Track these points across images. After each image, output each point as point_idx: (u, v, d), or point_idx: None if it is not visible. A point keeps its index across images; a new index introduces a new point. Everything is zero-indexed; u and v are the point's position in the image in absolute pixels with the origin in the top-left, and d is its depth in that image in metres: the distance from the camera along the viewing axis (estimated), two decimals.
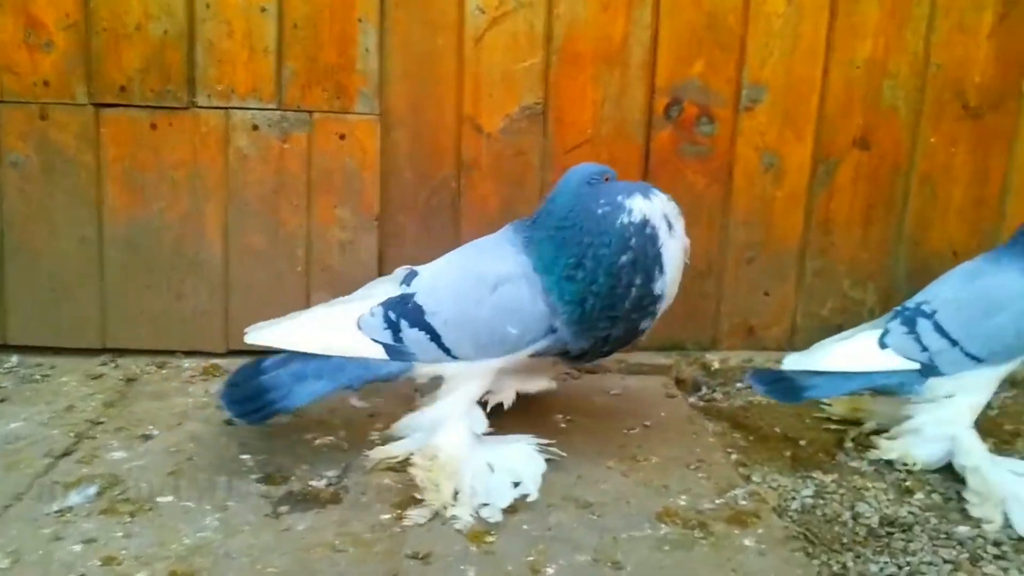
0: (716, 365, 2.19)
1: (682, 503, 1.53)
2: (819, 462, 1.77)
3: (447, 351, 1.51)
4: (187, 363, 2.06)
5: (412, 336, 1.50)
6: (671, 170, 2.09)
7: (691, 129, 2.07)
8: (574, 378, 2.07)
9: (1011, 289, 1.61)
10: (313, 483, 1.54)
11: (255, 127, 1.97)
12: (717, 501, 1.54)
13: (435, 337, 1.50)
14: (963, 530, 1.53)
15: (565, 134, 2.05)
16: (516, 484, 1.49)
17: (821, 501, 1.62)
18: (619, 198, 1.49)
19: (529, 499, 1.48)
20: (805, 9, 2.00)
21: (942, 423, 1.65)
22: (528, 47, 2.00)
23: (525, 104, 2.03)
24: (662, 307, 1.54)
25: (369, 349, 1.51)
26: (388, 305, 1.54)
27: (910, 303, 1.72)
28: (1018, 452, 1.80)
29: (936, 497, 1.64)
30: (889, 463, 1.72)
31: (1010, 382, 2.15)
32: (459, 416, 1.54)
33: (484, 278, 1.51)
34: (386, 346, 1.51)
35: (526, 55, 2.00)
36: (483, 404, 1.62)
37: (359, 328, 1.52)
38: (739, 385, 2.15)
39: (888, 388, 1.69)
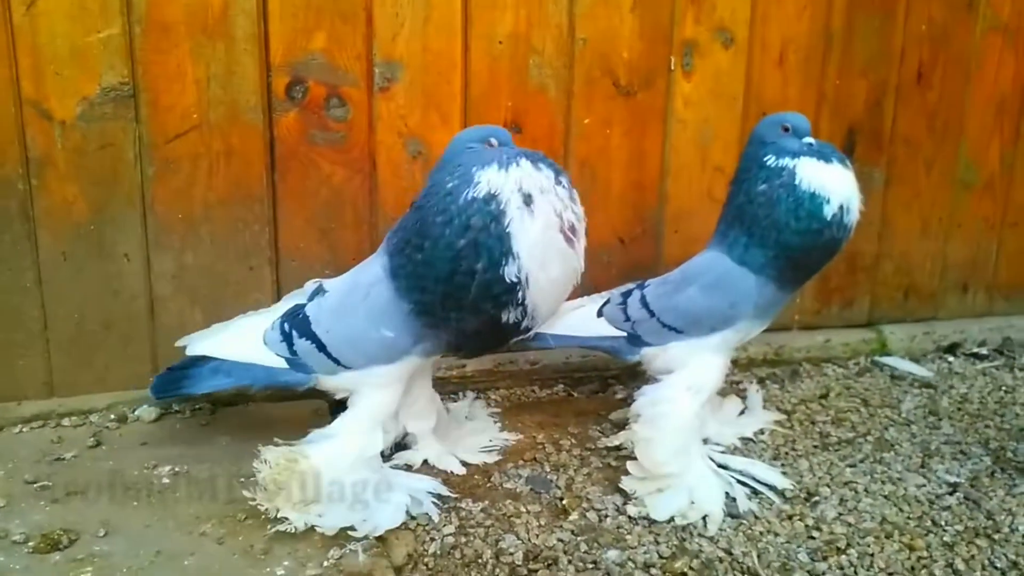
0: None
1: (281, 573, 1.23)
2: (472, 487, 1.55)
3: (336, 361, 1.45)
4: None
5: (303, 347, 1.46)
6: (303, 160, 1.79)
7: (320, 113, 1.78)
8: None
9: (704, 264, 1.64)
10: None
11: None
12: (327, 563, 1.26)
13: (321, 347, 1.45)
14: (612, 555, 1.37)
15: (164, 120, 1.69)
16: (363, 520, 1.38)
17: (464, 539, 1.40)
18: (472, 169, 1.30)
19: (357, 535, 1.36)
20: None
21: (655, 403, 1.59)
22: (101, 15, 1.61)
23: (107, 85, 1.64)
24: (534, 297, 1.32)
25: (273, 361, 1.49)
26: (284, 317, 1.51)
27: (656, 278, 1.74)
28: None
29: (591, 516, 1.47)
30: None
31: None
32: (351, 432, 1.44)
33: (359, 285, 1.45)
34: (286, 359, 1.48)
35: (99, 24, 1.61)
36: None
37: (264, 342, 1.50)
38: None
39: (608, 351, 1.75)
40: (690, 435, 1.58)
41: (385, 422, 1.50)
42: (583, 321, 1.71)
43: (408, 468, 1.58)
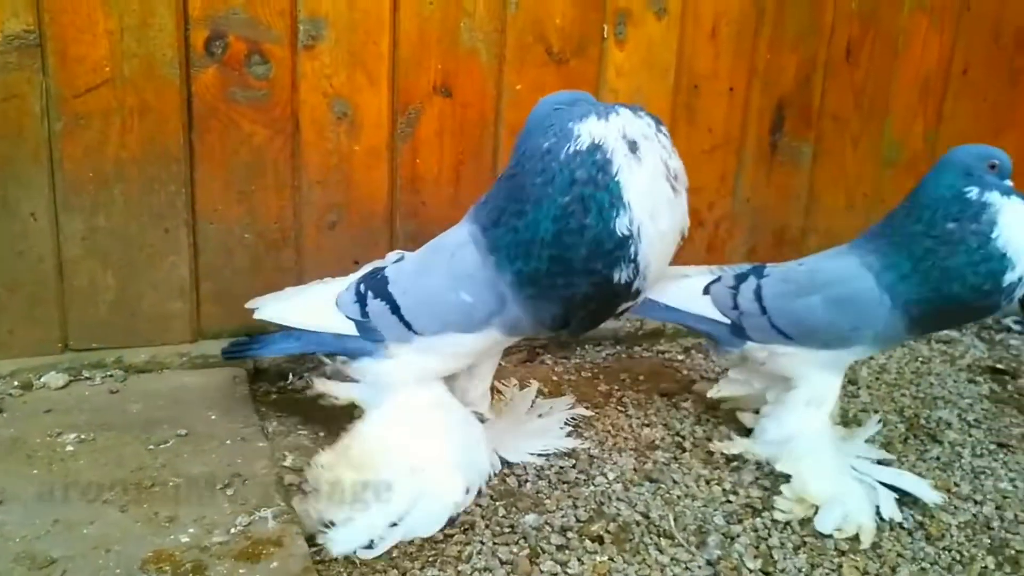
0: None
1: (185, 540, 1.19)
2: None
3: (408, 325, 1.37)
4: None
5: (375, 308, 1.40)
6: (223, 119, 1.73)
7: (241, 70, 1.72)
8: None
9: (837, 272, 1.48)
10: None
11: None
12: (234, 530, 1.23)
13: (395, 308, 1.37)
14: (530, 519, 1.36)
15: (73, 73, 1.61)
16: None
17: None
18: (569, 124, 1.22)
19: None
20: None
21: (781, 424, 1.54)
22: None
23: (10, 32, 1.56)
24: (646, 252, 1.22)
25: (342, 325, 1.43)
26: (361, 279, 1.46)
27: (775, 264, 1.60)
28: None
29: (511, 481, 1.48)
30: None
31: (614, 339, 2.09)
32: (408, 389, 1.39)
33: (442, 247, 1.39)
34: (356, 323, 1.41)
35: None
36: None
37: (336, 305, 1.45)
38: (328, 368, 1.86)
39: (706, 333, 1.63)
40: (827, 453, 1.51)
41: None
42: (686, 295, 1.58)
43: None
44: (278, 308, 1.55)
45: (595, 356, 2.05)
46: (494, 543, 1.30)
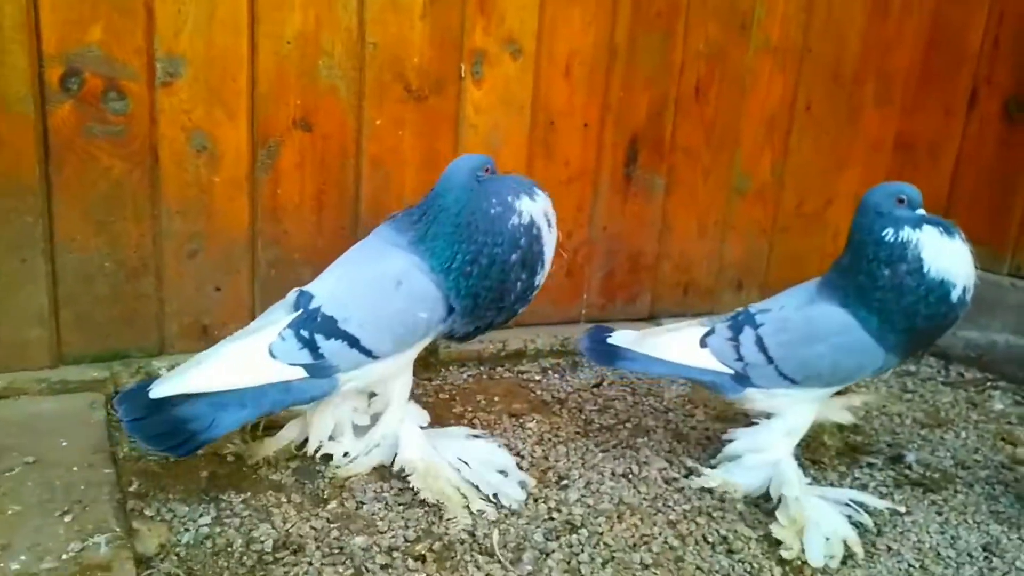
0: (164, 372, 1.92)
1: (15, 567, 1.25)
2: (240, 479, 1.61)
3: (368, 353, 1.55)
4: None
5: (332, 347, 1.53)
6: (80, 153, 1.78)
7: (98, 105, 1.77)
8: None
9: (836, 323, 1.60)
10: None
11: None
12: (66, 556, 1.29)
13: (354, 342, 1.54)
14: (359, 540, 1.46)
15: None
16: (502, 472, 1.66)
17: (219, 528, 1.45)
18: (509, 199, 1.58)
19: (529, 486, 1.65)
20: None
21: (760, 450, 1.66)
22: None
23: None
24: (540, 285, 1.66)
25: (289, 373, 1.51)
26: (296, 325, 1.53)
27: (752, 308, 1.70)
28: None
29: (350, 504, 1.56)
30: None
31: (478, 359, 2.19)
32: (408, 423, 1.67)
33: (386, 275, 1.58)
34: (306, 366, 1.51)
35: None
36: None
37: (272, 356, 1.50)
38: None
39: (704, 384, 1.72)
40: (799, 481, 1.64)
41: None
42: (685, 350, 1.69)
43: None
44: (198, 380, 1.47)
45: (457, 377, 2.15)
46: (321, 564, 1.39)
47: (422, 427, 1.70)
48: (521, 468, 1.72)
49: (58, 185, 1.78)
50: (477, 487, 1.62)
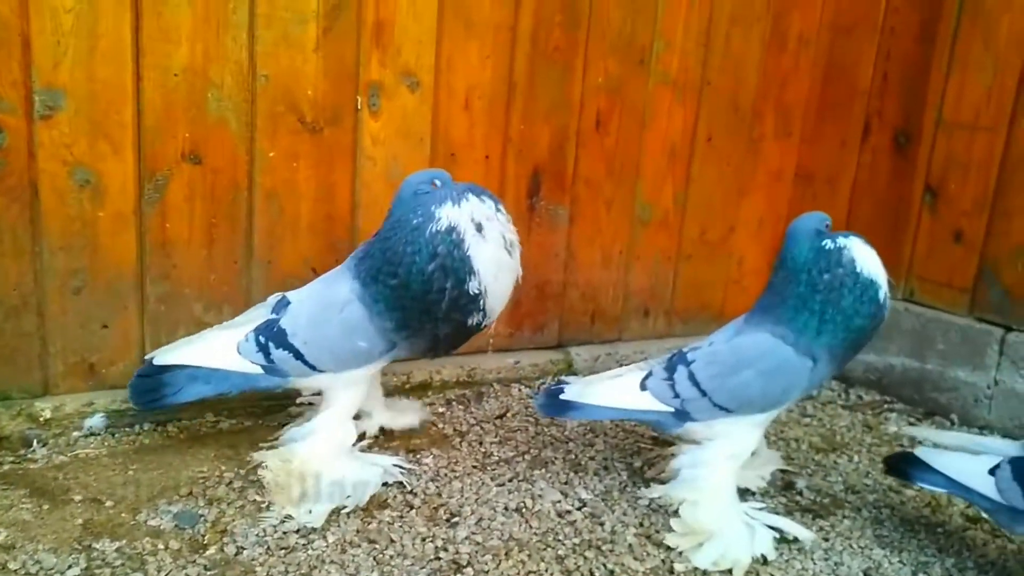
0: (48, 414, 1.87)
1: None
2: (115, 526, 1.57)
3: (311, 366, 1.69)
4: None
5: (280, 356, 1.69)
6: None
7: None
8: None
9: (759, 348, 1.67)
10: None
11: None
12: None
13: (298, 355, 1.68)
14: None
15: None
16: (347, 497, 1.67)
17: None
18: (432, 207, 1.60)
19: (346, 509, 1.66)
20: (101, 6, 1.75)
21: (696, 465, 1.72)
22: None
23: None
24: (491, 302, 1.66)
25: (249, 367, 1.71)
26: (258, 331, 1.71)
27: (685, 348, 1.77)
28: None
29: (230, 549, 1.53)
30: None
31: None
32: (331, 426, 1.73)
33: (332, 302, 1.69)
34: (262, 366, 1.70)
35: None
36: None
37: (239, 353, 1.70)
38: (77, 434, 1.86)
39: (649, 423, 1.86)
40: (729, 496, 1.71)
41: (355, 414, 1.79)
42: (627, 394, 1.76)
43: (362, 437, 1.87)
44: (184, 353, 1.74)
45: None
46: None
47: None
48: (412, 506, 1.70)
49: None
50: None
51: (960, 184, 2.41)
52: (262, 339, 1.70)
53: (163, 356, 1.75)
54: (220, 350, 1.72)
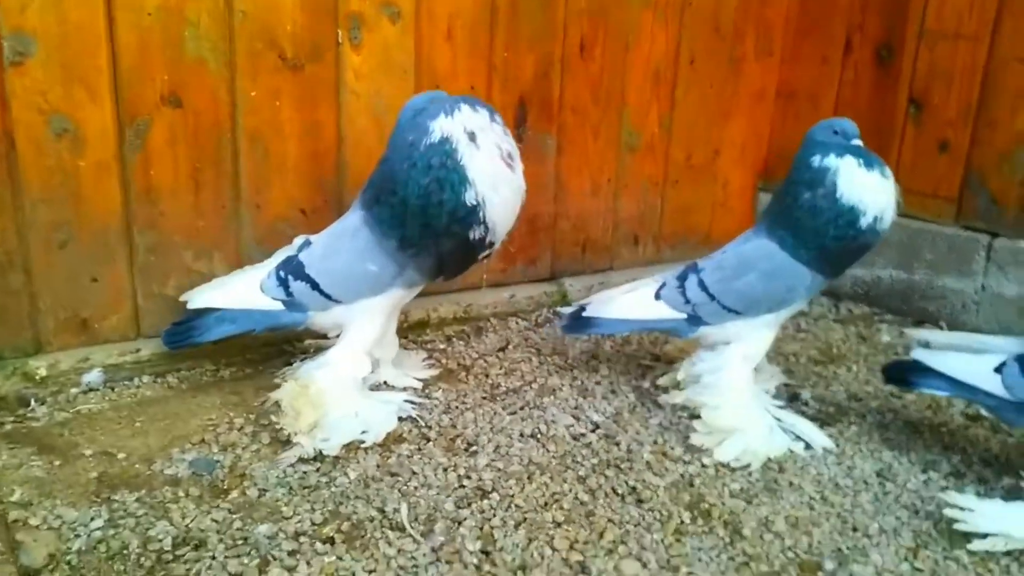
0: (43, 372, 1.82)
1: None
2: (130, 477, 1.54)
3: (328, 296, 1.74)
4: None
5: (298, 288, 1.74)
6: None
7: None
8: None
9: (760, 252, 1.75)
10: None
11: None
12: None
13: (315, 286, 1.73)
14: (263, 529, 1.41)
15: None
16: (364, 432, 1.66)
17: (112, 531, 1.39)
18: (427, 122, 1.59)
19: (364, 445, 1.64)
20: None
21: (715, 370, 1.78)
22: None
23: None
24: (492, 215, 1.63)
25: (270, 305, 1.76)
26: (279, 266, 1.77)
27: (699, 261, 1.84)
28: None
29: (252, 492, 1.50)
30: None
31: None
32: (345, 357, 1.74)
33: (343, 232, 1.74)
34: (283, 301, 1.75)
35: None
36: None
37: (261, 290, 1.76)
38: (75, 391, 1.82)
39: (665, 331, 1.93)
40: (747, 394, 1.78)
41: (370, 350, 1.78)
42: (642, 304, 1.84)
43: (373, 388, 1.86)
44: (211, 296, 1.79)
45: None
46: (225, 557, 1.33)
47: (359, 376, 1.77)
48: (428, 439, 1.70)
49: None
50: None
51: (944, 94, 2.41)
52: (282, 273, 1.75)
53: (195, 299, 1.79)
54: (244, 290, 1.77)
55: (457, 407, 1.85)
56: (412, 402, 1.82)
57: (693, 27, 2.54)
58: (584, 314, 1.90)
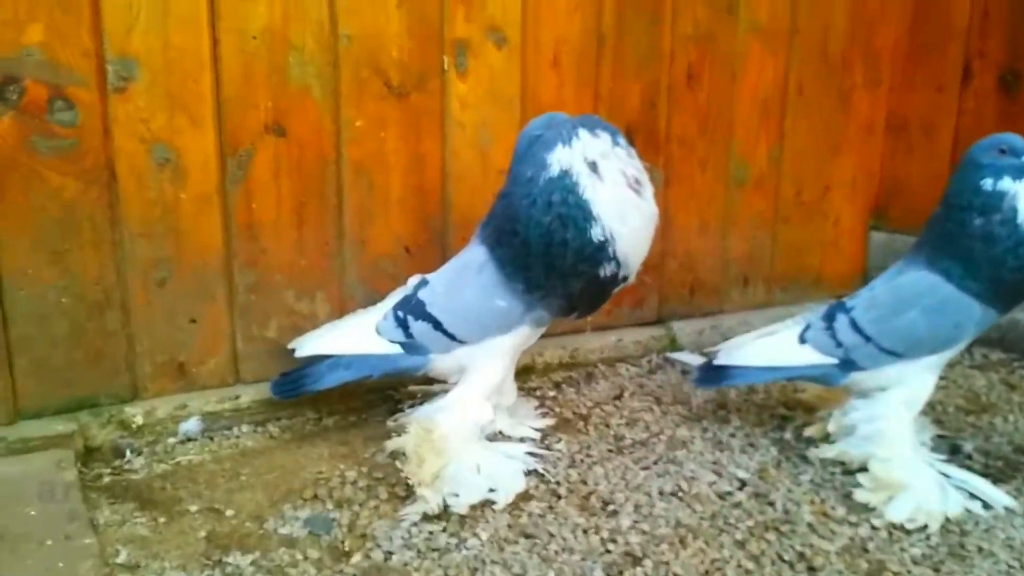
0: (140, 420, 1.70)
1: None
2: (244, 536, 1.38)
3: (451, 336, 1.60)
4: None
5: (419, 328, 1.61)
6: (25, 172, 1.54)
7: (43, 117, 1.53)
8: None
9: (921, 286, 1.57)
10: None
11: None
12: None
13: (437, 325, 1.60)
14: None
15: None
16: (491, 490, 1.50)
17: None
18: (544, 155, 1.47)
19: (496, 507, 1.47)
20: None
21: (873, 419, 1.61)
22: None
23: None
24: (622, 249, 1.50)
25: (387, 349, 1.63)
26: (397, 306, 1.65)
27: (846, 299, 1.67)
28: None
29: (376, 555, 1.35)
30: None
31: None
32: (468, 402, 1.60)
33: (468, 266, 1.60)
34: (402, 344, 1.62)
35: None
36: None
37: (378, 333, 1.64)
38: (172, 440, 1.68)
39: (812, 379, 1.72)
40: (911, 447, 1.60)
41: (493, 395, 1.64)
42: (784, 350, 1.67)
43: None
44: (321, 343, 1.69)
45: None
46: None
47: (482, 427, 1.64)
48: (558, 495, 1.53)
49: (1, 212, 1.53)
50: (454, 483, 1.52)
51: None
52: (400, 314, 1.63)
53: (303, 347, 1.69)
54: (358, 334, 1.66)
55: (583, 460, 1.68)
56: (534, 454, 1.64)
57: (801, 55, 2.40)
58: (716, 362, 1.74)
